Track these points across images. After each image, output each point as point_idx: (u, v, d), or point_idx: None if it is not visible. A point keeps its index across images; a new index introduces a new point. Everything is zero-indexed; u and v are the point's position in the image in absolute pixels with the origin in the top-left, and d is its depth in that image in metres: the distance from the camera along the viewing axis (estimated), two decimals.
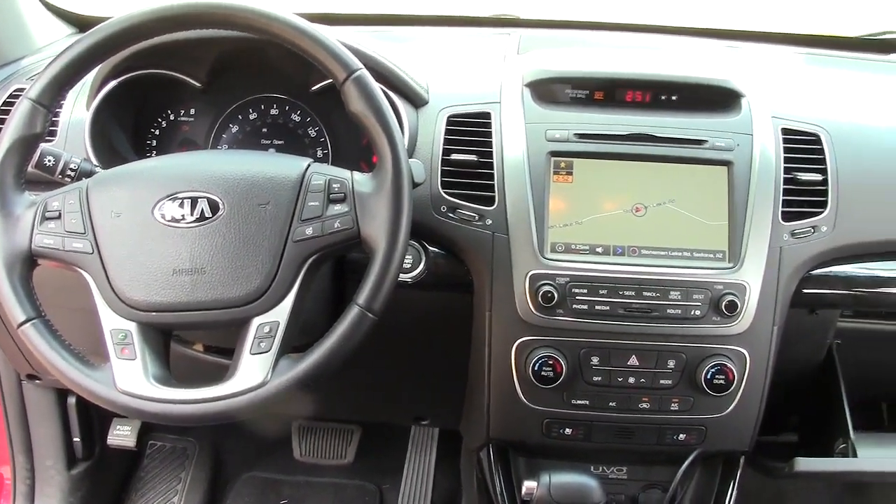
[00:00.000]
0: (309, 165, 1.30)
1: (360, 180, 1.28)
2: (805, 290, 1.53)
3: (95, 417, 2.26)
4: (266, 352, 1.22)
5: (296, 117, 1.69)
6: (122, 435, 2.27)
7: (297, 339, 1.28)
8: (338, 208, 1.26)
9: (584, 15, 2.09)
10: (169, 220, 1.25)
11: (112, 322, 1.24)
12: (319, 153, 1.68)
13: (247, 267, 1.24)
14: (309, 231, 1.25)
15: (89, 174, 1.39)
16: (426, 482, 2.34)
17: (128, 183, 1.29)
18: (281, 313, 1.24)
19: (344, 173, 1.29)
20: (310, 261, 1.26)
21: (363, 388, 1.84)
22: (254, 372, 1.21)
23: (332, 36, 1.27)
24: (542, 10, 2.14)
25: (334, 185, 1.27)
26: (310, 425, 2.46)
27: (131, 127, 1.69)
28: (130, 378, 1.21)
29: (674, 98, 1.56)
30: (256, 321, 1.24)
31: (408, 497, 2.32)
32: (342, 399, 1.90)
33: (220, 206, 1.26)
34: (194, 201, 1.26)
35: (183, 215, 1.25)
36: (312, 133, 1.68)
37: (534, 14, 2.07)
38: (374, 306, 1.23)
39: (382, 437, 2.46)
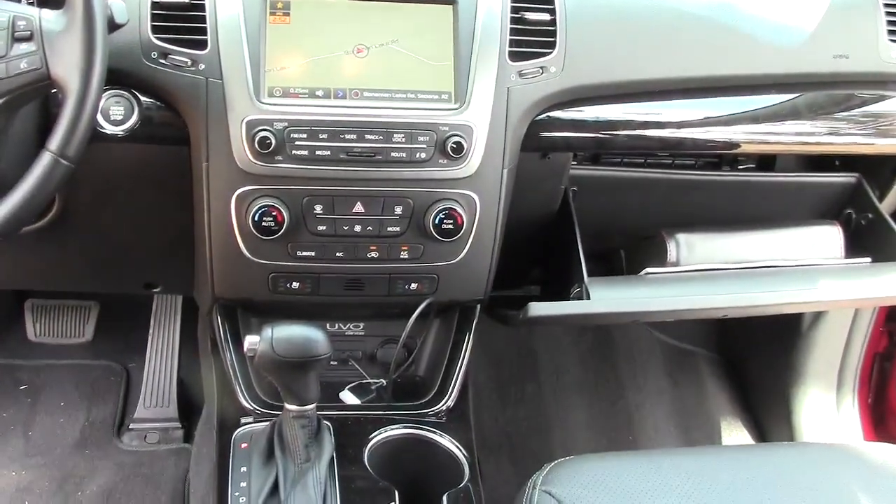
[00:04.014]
0: None
1: (50, 17, 1.17)
2: (536, 133, 1.52)
3: None
4: None
5: None
6: None
7: None
8: (24, 47, 1.15)
9: None
10: None
11: None
12: None
13: None
14: None
15: None
16: (171, 356, 2.24)
17: None
18: None
19: (31, 10, 1.18)
20: None
21: (87, 254, 1.71)
22: None
23: None
24: None
25: (19, 23, 1.15)
26: (43, 304, 2.31)
27: None
28: None
29: None
30: None
31: (154, 372, 2.22)
32: (66, 267, 1.77)
33: None
34: None
35: None
36: None
37: None
38: (69, 152, 1.15)
39: (123, 312, 2.34)
